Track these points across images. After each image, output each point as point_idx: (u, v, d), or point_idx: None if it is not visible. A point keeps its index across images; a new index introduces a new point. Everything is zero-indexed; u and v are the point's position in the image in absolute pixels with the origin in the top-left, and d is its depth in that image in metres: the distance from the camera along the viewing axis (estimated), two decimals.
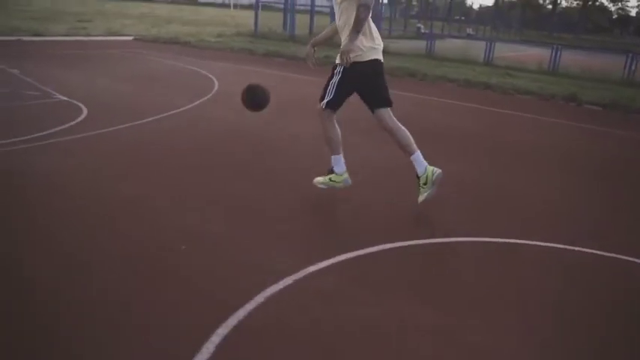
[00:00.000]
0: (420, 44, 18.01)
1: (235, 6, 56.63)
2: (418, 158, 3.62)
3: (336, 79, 3.51)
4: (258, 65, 11.48)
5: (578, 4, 56.56)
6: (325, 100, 3.55)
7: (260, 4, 20.17)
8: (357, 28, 3.30)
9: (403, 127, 3.64)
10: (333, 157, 3.74)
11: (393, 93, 3.64)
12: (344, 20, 3.42)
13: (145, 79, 8.57)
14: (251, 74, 10.11)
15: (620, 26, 64.81)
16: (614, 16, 66.05)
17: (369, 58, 3.45)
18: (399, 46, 16.25)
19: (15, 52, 10.56)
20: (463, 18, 52.46)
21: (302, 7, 22.20)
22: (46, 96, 6.47)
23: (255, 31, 18.41)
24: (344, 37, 3.45)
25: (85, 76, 8.34)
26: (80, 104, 6.06)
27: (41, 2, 40.05)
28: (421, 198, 3.61)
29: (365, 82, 3.55)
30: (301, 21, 20.11)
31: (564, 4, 58.27)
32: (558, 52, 13.22)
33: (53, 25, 18.78)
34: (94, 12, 30.39)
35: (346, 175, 3.76)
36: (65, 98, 6.38)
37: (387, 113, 3.61)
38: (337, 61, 3.51)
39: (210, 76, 9.11)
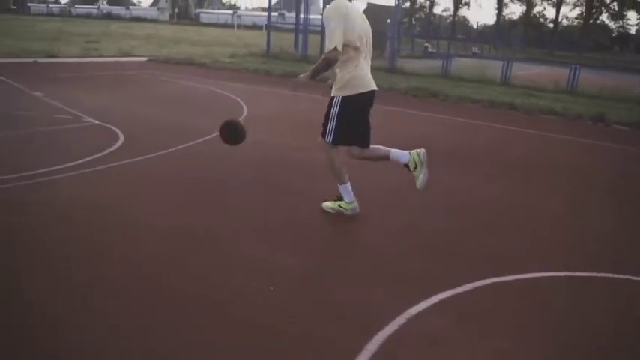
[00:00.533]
0: (431, 63, 18.01)
1: (239, 26, 57.09)
2: (396, 154, 3.62)
3: (334, 113, 3.52)
4: (275, 86, 11.37)
5: (579, 22, 56.91)
6: (329, 139, 3.56)
7: (270, 24, 20.19)
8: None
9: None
10: (340, 186, 3.71)
11: (418, 114, 3.54)
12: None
13: (171, 101, 8.44)
14: (273, 96, 10.00)
15: (620, 44, 65.24)
16: (614, 34, 66.50)
17: (370, 89, 3.53)
18: (413, 66, 16.23)
19: (33, 74, 10.48)
20: (464, 37, 52.83)
21: (312, 28, 22.23)
22: (77, 120, 6.33)
23: (267, 51, 18.38)
24: (337, 70, 3.50)
25: (110, 98, 8.22)
26: (115, 129, 5.91)
27: (45, 24, 40.35)
28: (419, 182, 3.58)
29: (362, 114, 3.59)
30: (312, 41, 20.15)
31: (565, 22, 58.62)
32: (577, 72, 13.14)
33: (64, 46, 18.79)
34: (100, 33, 30.47)
35: (356, 204, 3.74)
36: (97, 122, 6.24)
37: (335, 150, 3.65)
38: (332, 93, 3.56)
39: (236, 98, 8.99)
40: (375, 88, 3.57)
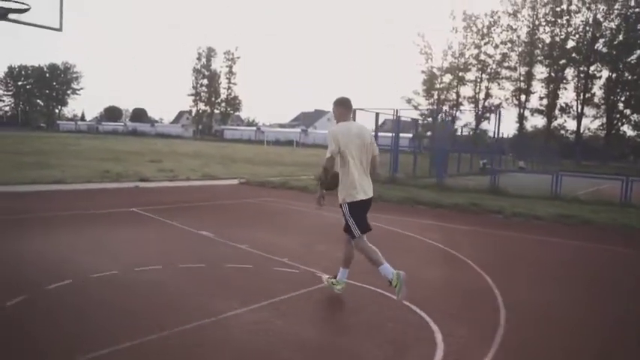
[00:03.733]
0: (512, 180, 16.69)
1: (268, 142, 58.28)
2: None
3: (348, 215, 4.41)
4: (404, 214, 10.47)
5: (601, 132, 58.00)
6: (357, 234, 4.42)
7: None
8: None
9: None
10: (379, 268, 4.33)
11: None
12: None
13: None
14: (438, 229, 8.97)
15: (636, 152, 65.83)
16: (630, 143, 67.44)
17: (367, 197, 4.44)
18: (511, 185, 15.37)
19: (155, 204, 9.52)
20: (485, 149, 53.33)
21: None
22: (312, 278, 5.17)
23: None
24: (340, 179, 4.44)
25: (290, 237, 7.19)
26: (395, 298, 4.80)
27: (87, 141, 40.95)
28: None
29: (363, 212, 4.46)
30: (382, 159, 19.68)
31: (587, 133, 59.68)
32: None
33: (135, 166, 18.28)
34: (151, 151, 30.56)
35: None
36: (348, 280, 5.11)
37: (362, 239, 4.45)
38: (340, 201, 4.46)
39: (407, 233, 8.01)
40: (371, 195, 4.48)
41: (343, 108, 4.55)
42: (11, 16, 6.29)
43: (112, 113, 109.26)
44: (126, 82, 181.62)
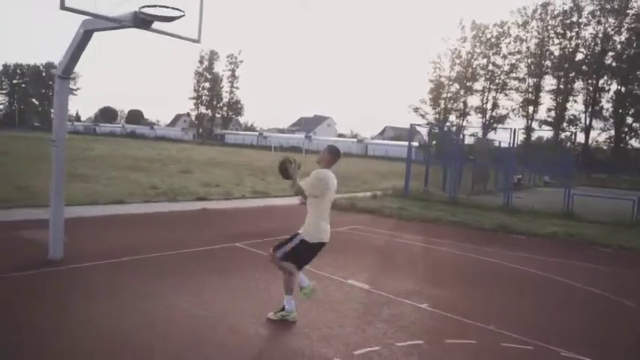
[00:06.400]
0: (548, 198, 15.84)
1: (275, 148, 57.05)
2: (302, 278, 4.82)
3: (293, 244, 4.68)
4: (508, 246, 9.58)
5: (609, 145, 57.65)
6: (279, 255, 4.69)
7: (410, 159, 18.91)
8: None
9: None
10: (286, 297, 4.73)
11: None
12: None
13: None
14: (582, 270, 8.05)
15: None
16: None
17: (323, 241, 4.73)
18: (587, 207, 14.52)
19: (252, 236, 8.44)
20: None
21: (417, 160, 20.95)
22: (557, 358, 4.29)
23: (405, 191, 16.65)
24: (307, 216, 4.74)
25: (449, 286, 6.21)
26: None
27: (99, 146, 39.52)
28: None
29: (311, 254, 4.77)
30: (431, 176, 18.75)
31: (594, 145, 59.23)
32: None
33: (169, 178, 17.26)
34: (167, 158, 29.35)
35: (295, 313, 4.75)
36: None
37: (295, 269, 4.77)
38: (300, 230, 4.72)
39: (561, 279, 7.11)
40: (327, 240, 4.72)
41: (334, 157, 4.79)
42: (154, 25, 5.31)
43: (107, 114, 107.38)
44: (120, 83, 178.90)
